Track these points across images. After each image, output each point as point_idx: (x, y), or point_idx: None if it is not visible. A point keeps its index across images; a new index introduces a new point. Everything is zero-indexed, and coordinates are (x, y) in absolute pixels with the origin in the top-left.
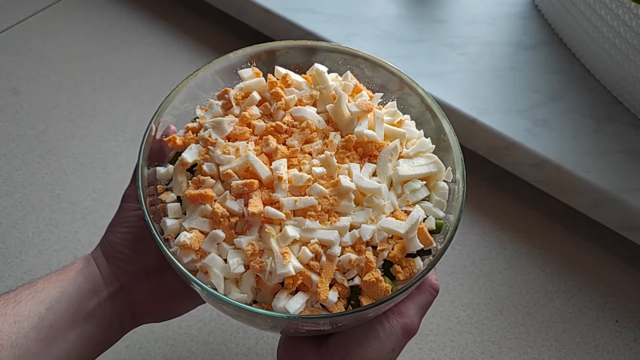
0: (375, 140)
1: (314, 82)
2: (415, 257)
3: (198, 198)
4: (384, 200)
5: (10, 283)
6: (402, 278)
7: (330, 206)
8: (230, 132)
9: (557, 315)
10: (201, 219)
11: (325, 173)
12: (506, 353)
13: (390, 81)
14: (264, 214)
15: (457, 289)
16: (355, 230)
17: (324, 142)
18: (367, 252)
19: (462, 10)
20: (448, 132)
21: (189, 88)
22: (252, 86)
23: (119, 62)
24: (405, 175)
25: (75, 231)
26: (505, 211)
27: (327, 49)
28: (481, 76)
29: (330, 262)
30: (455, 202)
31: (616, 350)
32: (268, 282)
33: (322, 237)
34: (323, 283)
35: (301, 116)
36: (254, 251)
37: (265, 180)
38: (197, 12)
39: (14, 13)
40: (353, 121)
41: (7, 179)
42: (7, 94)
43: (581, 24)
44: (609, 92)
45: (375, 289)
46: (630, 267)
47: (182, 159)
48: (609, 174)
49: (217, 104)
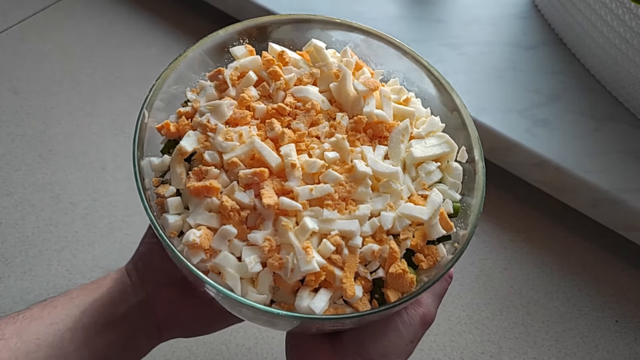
0: (386, 121)
1: (312, 60)
2: (436, 243)
3: (203, 190)
4: (401, 184)
5: (10, 283)
6: (425, 267)
7: (347, 193)
8: (230, 117)
9: (557, 315)
10: (208, 213)
11: (339, 158)
12: (506, 353)
13: (391, 56)
14: (279, 206)
15: (457, 289)
16: (375, 219)
17: (331, 124)
18: (390, 242)
19: (462, 10)
20: (460, 107)
21: (179, 70)
22: (248, 65)
23: (119, 62)
24: (420, 157)
25: (75, 231)
26: (506, 211)
27: (323, 21)
28: (481, 76)
29: (352, 255)
30: (475, 183)
31: (616, 350)
32: (289, 279)
33: (343, 228)
34: (348, 278)
35: (304, 96)
36: (272, 247)
37: (276, 169)
38: (197, 12)
39: (14, 13)
40: (359, 100)
41: (7, 179)
42: (7, 94)
43: (581, 24)
44: (609, 92)
45: (402, 281)
46: (630, 267)
47: (181, 148)
48: (609, 174)
49: (210, 86)
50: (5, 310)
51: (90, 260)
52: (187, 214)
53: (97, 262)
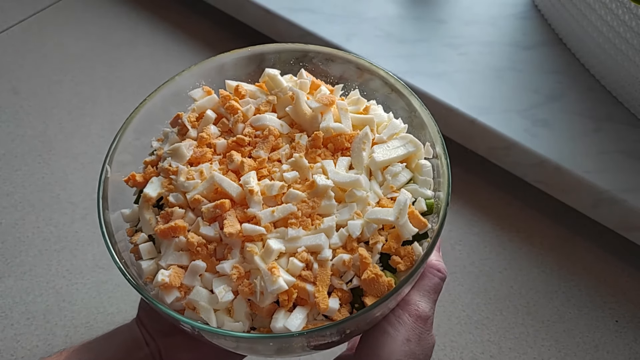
0: (344, 132)
1: (268, 88)
2: (413, 243)
3: (169, 232)
4: (366, 191)
5: (10, 283)
6: (403, 268)
7: (311, 209)
8: (191, 157)
9: (557, 315)
10: (177, 253)
11: (299, 176)
12: (506, 353)
13: (347, 70)
14: (242, 233)
15: (457, 289)
16: (342, 229)
17: (291, 146)
18: (359, 248)
19: (462, 10)
20: (419, 108)
21: (140, 121)
22: (205, 104)
23: (119, 62)
24: (383, 160)
25: (75, 231)
26: (505, 211)
27: (275, 50)
28: (481, 76)
29: (323, 268)
30: (442, 177)
31: (616, 350)
32: (261, 303)
33: (309, 244)
34: (320, 291)
35: (261, 124)
36: (240, 274)
37: (237, 197)
38: (197, 12)
39: (14, 13)
40: (316, 118)
41: (7, 179)
42: (7, 94)
43: (581, 24)
44: (608, 92)
45: (377, 286)
46: (630, 267)
47: (145, 195)
48: (609, 173)
49: (172, 132)
50: (5, 310)
51: (90, 260)
52: (160, 257)
53: (97, 262)
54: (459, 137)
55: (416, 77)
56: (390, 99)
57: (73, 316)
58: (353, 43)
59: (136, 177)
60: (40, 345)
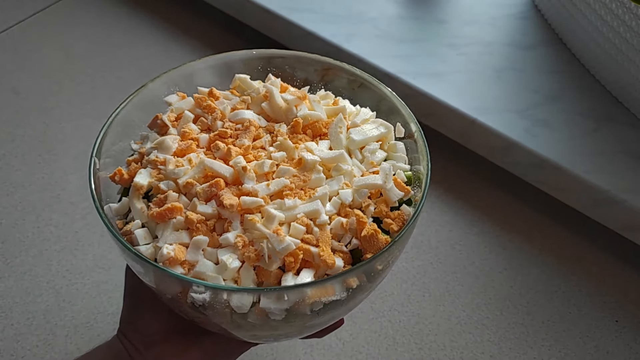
0: (320, 119)
1: (240, 92)
2: (399, 208)
3: (167, 213)
4: (350, 165)
5: (10, 283)
6: (396, 228)
7: (303, 183)
8: (176, 149)
9: (557, 315)
10: (176, 232)
11: (286, 156)
12: (506, 353)
13: (313, 72)
14: (240, 206)
15: (457, 289)
16: (335, 198)
17: (272, 135)
18: (355, 210)
19: (462, 10)
20: (389, 94)
21: (116, 126)
22: (183, 106)
23: (119, 62)
24: (361, 140)
25: (75, 231)
26: (505, 211)
27: (243, 58)
28: (481, 76)
29: (323, 231)
30: (419, 151)
31: (616, 350)
32: (269, 267)
33: (307, 210)
34: (325, 250)
35: (241, 118)
36: (244, 243)
37: (230, 178)
38: (196, 12)
39: (14, 13)
40: (291, 110)
41: (7, 179)
42: (7, 94)
43: (581, 24)
44: (608, 92)
45: (375, 241)
46: (630, 267)
47: (136, 184)
48: (609, 174)
49: (151, 132)
50: (5, 310)
51: (90, 260)
52: (157, 241)
53: (97, 262)
54: (458, 137)
55: (416, 77)
56: (356, 94)
57: (73, 316)
58: (353, 43)
59: (122, 173)
60: (40, 345)
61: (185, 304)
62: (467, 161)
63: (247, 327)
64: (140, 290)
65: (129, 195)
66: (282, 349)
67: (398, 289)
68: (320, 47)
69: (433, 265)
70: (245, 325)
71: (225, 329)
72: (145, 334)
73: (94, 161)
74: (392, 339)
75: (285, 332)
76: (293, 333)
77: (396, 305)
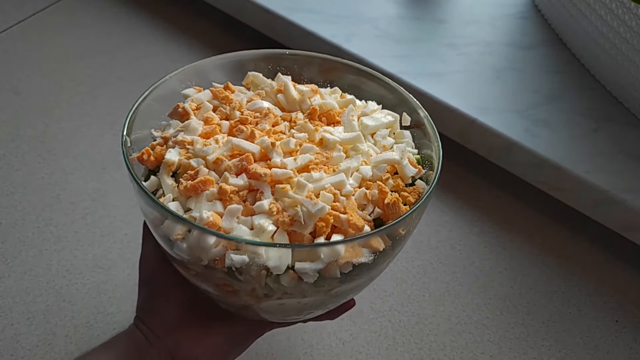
0: (334, 108)
1: (253, 88)
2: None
3: (199, 186)
4: (366, 146)
5: (10, 283)
6: (412, 200)
7: (325, 159)
8: (201, 132)
9: (557, 315)
10: (209, 203)
11: (308, 137)
12: (506, 353)
13: (319, 71)
14: (272, 177)
15: (457, 289)
16: (356, 173)
17: (292, 121)
18: (377, 182)
19: (462, 10)
20: (394, 86)
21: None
22: (202, 97)
23: (119, 62)
24: (374, 125)
25: (75, 231)
26: (505, 211)
27: (254, 57)
28: (481, 76)
29: (349, 200)
30: (428, 138)
31: (616, 350)
32: (304, 229)
33: (333, 181)
34: (353, 215)
35: (259, 107)
36: (278, 209)
37: (257, 155)
38: (197, 12)
39: (14, 13)
40: (305, 101)
41: (7, 179)
42: (7, 94)
43: (581, 24)
44: (608, 92)
45: (397, 209)
46: (630, 267)
47: (167, 161)
48: (609, 174)
49: (172, 121)
50: (5, 310)
51: (90, 260)
52: (191, 212)
53: (97, 262)
54: (458, 137)
55: (416, 77)
56: (361, 91)
57: (73, 316)
58: (353, 43)
59: (150, 154)
60: (40, 345)
61: (220, 270)
62: (467, 161)
63: (278, 293)
64: (156, 279)
65: (158, 173)
66: (282, 349)
67: (398, 289)
68: (320, 47)
69: (433, 265)
70: (276, 291)
71: (249, 304)
72: (164, 320)
73: (125, 139)
74: (392, 338)
75: (311, 300)
76: (317, 303)
77: (396, 305)
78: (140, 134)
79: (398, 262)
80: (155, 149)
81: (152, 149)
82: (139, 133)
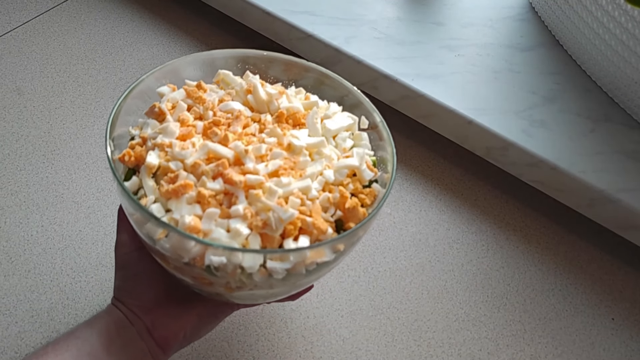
0: (300, 111)
1: (224, 86)
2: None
3: (180, 190)
4: (329, 150)
5: (14, 281)
6: (369, 202)
7: (293, 164)
8: (178, 134)
9: (553, 313)
10: (189, 206)
11: (277, 142)
12: (503, 350)
13: (285, 70)
14: (246, 182)
15: (455, 287)
16: (320, 177)
17: (260, 124)
18: (338, 187)
19: (460, 12)
20: (351, 89)
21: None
22: (177, 97)
23: (122, 63)
24: (336, 128)
25: (79, 230)
26: (502, 210)
27: (223, 56)
28: (478, 78)
29: (314, 204)
30: (383, 140)
31: (612, 347)
32: (275, 232)
33: (300, 186)
34: (317, 219)
35: (231, 109)
36: (252, 214)
37: (232, 159)
38: (198, 14)
39: (18, 15)
40: (273, 102)
41: (11, 178)
42: (12, 95)
43: (578, 25)
44: (605, 93)
45: (356, 213)
46: (626, 265)
47: (149, 164)
48: (605, 173)
49: (149, 120)
50: (10, 308)
51: (94, 259)
52: (171, 214)
53: (101, 261)
54: (456, 138)
55: (415, 79)
56: (323, 90)
57: (77, 314)
58: (352, 45)
59: (131, 154)
60: (44, 343)
61: (199, 267)
62: (464, 161)
63: (250, 285)
64: (132, 264)
65: (139, 174)
66: (282, 346)
67: (396, 287)
68: (319, 49)
69: (431, 264)
70: (248, 284)
71: (222, 292)
72: (142, 300)
73: (109, 143)
74: (391, 335)
75: (278, 290)
76: (283, 292)
77: (395, 303)
78: (119, 130)
79: (397, 260)
80: (134, 148)
81: (132, 149)
82: (117, 130)
